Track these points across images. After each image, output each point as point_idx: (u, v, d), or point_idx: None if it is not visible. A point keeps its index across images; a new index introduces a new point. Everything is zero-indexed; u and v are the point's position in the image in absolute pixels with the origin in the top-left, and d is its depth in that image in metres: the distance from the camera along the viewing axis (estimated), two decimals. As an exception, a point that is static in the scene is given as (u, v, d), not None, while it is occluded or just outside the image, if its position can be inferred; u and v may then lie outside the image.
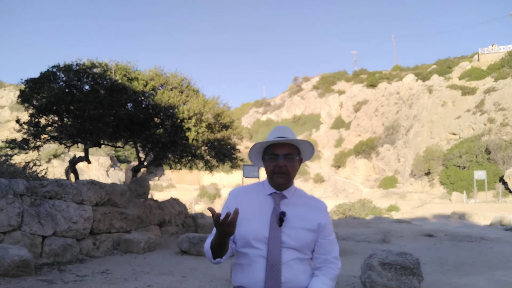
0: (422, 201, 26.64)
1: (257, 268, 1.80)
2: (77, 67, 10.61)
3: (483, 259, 7.43)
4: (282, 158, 1.85)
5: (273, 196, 1.89)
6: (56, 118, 10.71)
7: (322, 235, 1.90)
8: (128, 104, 10.65)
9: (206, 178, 41.07)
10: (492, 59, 40.19)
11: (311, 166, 47.61)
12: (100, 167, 37.05)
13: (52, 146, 28.97)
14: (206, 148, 12.18)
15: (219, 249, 1.78)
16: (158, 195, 24.55)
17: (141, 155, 13.23)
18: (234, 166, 13.34)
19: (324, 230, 1.91)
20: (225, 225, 1.64)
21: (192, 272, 6.08)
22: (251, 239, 1.82)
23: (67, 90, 10.32)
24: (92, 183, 7.71)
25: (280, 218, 1.81)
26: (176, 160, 12.89)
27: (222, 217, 1.64)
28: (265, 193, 1.91)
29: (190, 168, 13.84)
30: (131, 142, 12.39)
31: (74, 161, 11.76)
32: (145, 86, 10.85)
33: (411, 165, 35.01)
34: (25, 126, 10.70)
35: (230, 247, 1.85)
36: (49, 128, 10.83)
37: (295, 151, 1.90)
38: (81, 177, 11.81)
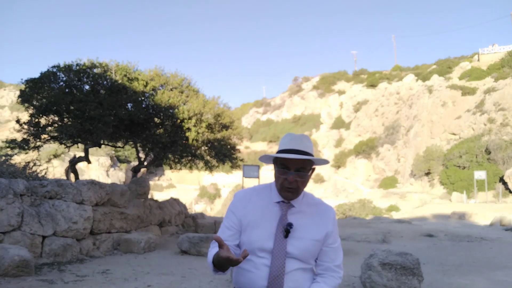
0: (422, 201, 26.62)
1: (260, 276, 1.77)
2: (77, 67, 10.62)
3: (483, 259, 7.42)
4: (293, 173, 1.75)
5: (280, 205, 1.82)
6: (56, 118, 10.70)
7: (327, 243, 1.86)
8: (128, 104, 10.65)
9: (206, 178, 41.14)
10: (492, 59, 40.23)
11: (311, 166, 47.56)
12: (100, 167, 37.07)
13: (52, 146, 28.99)
14: (206, 148, 12.18)
15: (221, 266, 1.71)
16: (158, 195, 24.59)
17: (141, 155, 13.22)
18: (234, 166, 13.33)
19: (330, 237, 1.86)
20: (229, 261, 1.57)
21: (192, 272, 6.08)
22: (256, 248, 1.78)
23: (67, 90, 10.32)
24: (92, 183, 7.71)
25: (286, 230, 1.76)
26: (176, 160, 12.88)
27: (227, 255, 1.55)
28: (272, 200, 1.84)
29: (190, 168, 13.83)
30: (131, 142, 12.38)
31: (74, 161, 11.75)
32: (145, 86, 10.85)
33: (411, 165, 35.02)
34: (25, 126, 10.68)
35: (234, 252, 1.82)
36: (49, 128, 10.82)
37: (308, 164, 1.79)
38: (81, 177, 11.81)
